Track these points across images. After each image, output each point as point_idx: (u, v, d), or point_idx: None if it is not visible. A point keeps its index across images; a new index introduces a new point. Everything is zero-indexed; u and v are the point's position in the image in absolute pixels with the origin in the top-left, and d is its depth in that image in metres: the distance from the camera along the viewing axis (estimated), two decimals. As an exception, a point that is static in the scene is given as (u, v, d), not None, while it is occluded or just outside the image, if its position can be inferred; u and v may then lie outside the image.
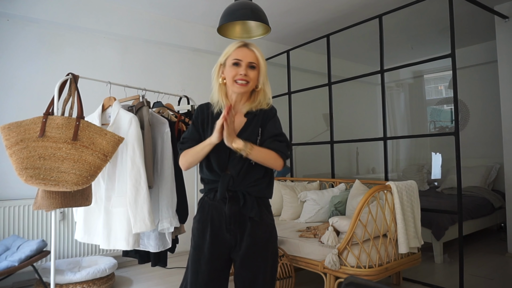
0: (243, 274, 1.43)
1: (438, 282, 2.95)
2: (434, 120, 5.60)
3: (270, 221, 1.48)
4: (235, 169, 1.41)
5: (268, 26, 2.38)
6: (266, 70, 1.49)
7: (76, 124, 1.78)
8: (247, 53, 1.44)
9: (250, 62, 1.43)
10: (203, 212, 1.48)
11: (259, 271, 1.42)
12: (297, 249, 2.70)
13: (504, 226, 4.07)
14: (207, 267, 1.43)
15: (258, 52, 1.46)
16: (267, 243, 1.45)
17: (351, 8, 3.83)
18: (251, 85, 1.45)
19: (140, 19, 3.79)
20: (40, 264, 2.93)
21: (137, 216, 1.96)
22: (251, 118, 1.48)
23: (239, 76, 1.42)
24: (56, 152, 1.71)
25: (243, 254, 1.42)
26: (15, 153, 1.68)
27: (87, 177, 1.77)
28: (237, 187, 1.42)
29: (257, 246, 1.42)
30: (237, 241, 1.43)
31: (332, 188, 3.42)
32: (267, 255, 1.45)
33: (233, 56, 1.44)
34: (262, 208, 1.45)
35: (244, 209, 1.41)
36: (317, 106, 4.94)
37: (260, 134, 1.46)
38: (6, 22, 3.15)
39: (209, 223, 1.44)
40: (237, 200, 1.42)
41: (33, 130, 1.72)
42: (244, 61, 1.43)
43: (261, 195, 1.46)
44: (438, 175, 5.23)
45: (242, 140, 1.35)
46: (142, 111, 2.16)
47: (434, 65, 4.71)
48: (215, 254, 1.43)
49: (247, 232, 1.42)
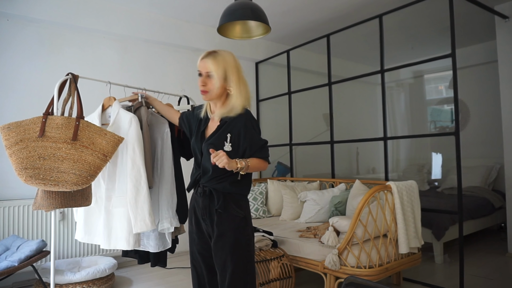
0: (216, 259, 1.62)
1: (438, 282, 2.95)
2: (434, 120, 5.60)
3: (236, 214, 1.61)
4: (205, 168, 1.63)
5: (268, 26, 2.38)
6: (232, 75, 1.58)
7: (76, 124, 1.77)
8: (204, 64, 1.58)
9: (207, 72, 1.58)
10: (191, 203, 1.74)
11: (227, 259, 1.58)
12: (297, 249, 2.70)
13: (505, 226, 4.06)
14: (197, 248, 1.71)
15: (213, 61, 1.56)
16: (233, 233, 1.59)
17: (351, 8, 3.82)
18: (213, 93, 1.59)
19: (140, 19, 3.79)
20: (40, 264, 2.93)
21: (138, 216, 1.96)
22: (222, 124, 1.62)
23: (200, 87, 1.60)
24: (56, 152, 1.71)
25: (214, 242, 1.61)
26: (14, 153, 1.68)
27: (87, 177, 1.77)
28: (205, 184, 1.62)
29: (223, 236, 1.59)
30: (211, 230, 1.63)
31: (332, 188, 3.42)
32: (235, 245, 1.58)
33: (197, 68, 1.62)
34: (228, 202, 1.60)
35: (212, 202, 1.61)
36: (317, 106, 4.93)
37: (230, 140, 1.57)
38: (6, 22, 3.15)
39: (193, 213, 1.71)
40: (207, 195, 1.62)
41: (32, 130, 1.72)
42: (202, 71, 1.59)
43: (228, 191, 1.60)
44: (438, 175, 5.23)
45: (239, 160, 1.52)
46: (141, 111, 2.16)
47: (434, 65, 4.68)
48: (200, 239, 1.70)
49: (215, 223, 1.60)
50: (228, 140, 1.57)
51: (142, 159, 1.99)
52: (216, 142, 1.58)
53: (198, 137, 1.68)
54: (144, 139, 2.06)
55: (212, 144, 1.57)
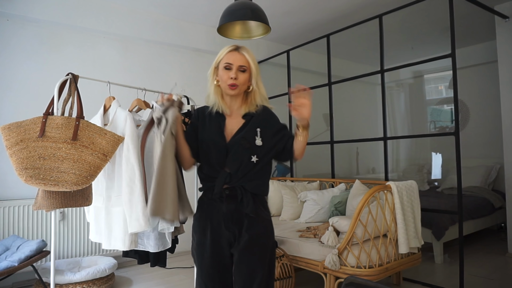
0: (242, 269, 1.48)
1: (438, 282, 2.95)
2: (434, 120, 5.60)
3: (266, 217, 1.53)
4: (234, 166, 1.47)
5: (268, 26, 2.38)
6: (258, 71, 1.56)
7: (76, 124, 1.77)
8: (238, 57, 1.51)
9: (240, 66, 1.50)
10: (202, 210, 1.55)
11: (257, 266, 1.47)
12: (297, 249, 2.70)
13: (504, 226, 4.06)
14: (210, 262, 1.50)
15: (248, 56, 1.53)
16: (264, 238, 1.50)
17: (351, 8, 3.82)
18: (241, 88, 1.52)
19: (141, 19, 3.79)
20: (40, 264, 2.93)
21: (132, 215, 1.92)
22: (248, 119, 1.54)
23: (230, 81, 1.49)
24: (56, 152, 1.71)
25: (241, 249, 1.47)
26: (15, 153, 1.68)
27: (87, 177, 1.77)
28: (235, 183, 1.48)
29: (254, 241, 1.47)
30: (236, 237, 1.48)
31: (332, 188, 3.42)
32: (265, 250, 1.50)
33: (224, 60, 1.51)
34: (257, 205, 1.50)
35: (241, 206, 1.47)
36: (317, 106, 4.92)
37: (260, 135, 1.51)
38: (5, 22, 3.15)
39: (209, 221, 1.51)
40: (233, 198, 1.48)
41: (33, 130, 1.72)
42: (234, 64, 1.50)
43: (257, 192, 1.51)
44: (438, 175, 5.23)
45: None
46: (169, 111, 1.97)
47: (434, 65, 4.69)
48: (216, 250, 1.50)
49: (244, 228, 1.47)
50: (259, 135, 1.51)
51: (136, 157, 1.95)
52: (248, 135, 1.50)
53: (218, 135, 1.52)
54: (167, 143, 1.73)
55: (245, 138, 1.48)
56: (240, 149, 1.47)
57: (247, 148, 1.48)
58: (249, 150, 1.48)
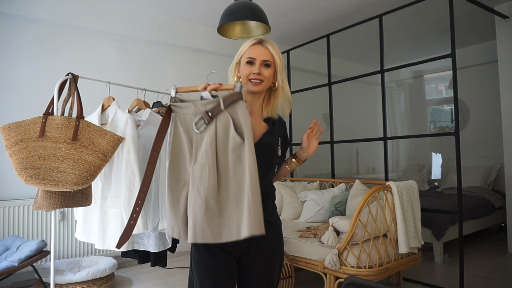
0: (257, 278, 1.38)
1: (438, 282, 2.95)
2: (434, 120, 5.60)
3: (279, 222, 1.47)
4: (261, 170, 1.25)
5: (268, 26, 2.38)
6: (284, 67, 1.43)
7: (76, 124, 1.77)
8: (261, 51, 1.37)
9: (264, 60, 1.37)
10: None
11: (273, 275, 1.41)
12: (297, 249, 2.70)
13: (504, 226, 4.06)
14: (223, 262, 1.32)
15: (273, 49, 1.39)
16: (280, 245, 1.45)
17: (351, 8, 3.82)
18: (265, 84, 1.39)
19: (140, 19, 3.79)
20: (40, 264, 2.93)
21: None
22: (271, 124, 1.43)
23: (253, 76, 1.36)
24: (56, 152, 1.71)
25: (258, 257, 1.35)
26: (15, 153, 1.68)
27: (87, 177, 1.77)
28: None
29: (273, 250, 1.40)
30: (248, 246, 1.33)
31: (332, 188, 3.42)
32: (281, 257, 1.45)
33: (247, 55, 1.39)
34: (274, 209, 1.43)
35: (266, 213, 1.27)
36: (317, 106, 4.94)
37: (280, 144, 1.45)
38: (6, 22, 3.15)
39: None
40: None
41: (33, 130, 1.72)
42: (258, 59, 1.37)
43: (274, 199, 1.44)
44: (438, 175, 5.23)
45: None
46: (236, 107, 1.41)
47: (434, 65, 4.71)
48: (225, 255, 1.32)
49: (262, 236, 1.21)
50: (280, 145, 1.43)
51: (136, 160, 1.97)
52: (273, 142, 1.41)
53: None
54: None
55: (271, 145, 1.39)
56: (267, 155, 1.37)
57: (274, 156, 1.40)
58: (274, 158, 1.41)
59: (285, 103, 1.45)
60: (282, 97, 1.44)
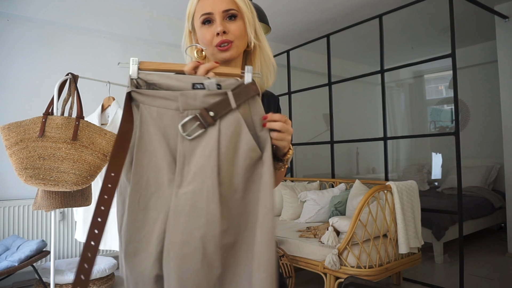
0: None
1: (438, 282, 2.95)
2: (435, 120, 5.60)
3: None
4: None
5: (268, 26, 2.38)
6: (256, 17, 1.03)
7: (76, 124, 1.77)
8: (216, 0, 0.95)
9: (225, 11, 0.96)
10: None
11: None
12: (297, 249, 2.70)
13: (504, 226, 4.06)
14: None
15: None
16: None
17: (351, 8, 3.82)
18: (238, 44, 0.97)
19: (140, 19, 3.79)
20: (40, 264, 2.93)
21: None
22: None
23: (217, 38, 0.95)
24: (56, 152, 1.71)
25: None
26: (14, 153, 1.68)
27: (87, 177, 1.77)
28: None
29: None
30: None
31: (332, 188, 3.42)
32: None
33: (199, 11, 0.99)
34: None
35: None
36: (317, 106, 4.94)
37: None
38: (5, 22, 3.15)
39: None
40: None
41: (32, 130, 1.72)
42: (215, 12, 0.95)
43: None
44: (438, 175, 5.23)
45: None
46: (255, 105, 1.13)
47: (434, 65, 4.71)
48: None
49: None
50: None
51: None
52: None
53: None
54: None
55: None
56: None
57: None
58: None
59: (267, 67, 1.03)
60: (261, 59, 1.02)
